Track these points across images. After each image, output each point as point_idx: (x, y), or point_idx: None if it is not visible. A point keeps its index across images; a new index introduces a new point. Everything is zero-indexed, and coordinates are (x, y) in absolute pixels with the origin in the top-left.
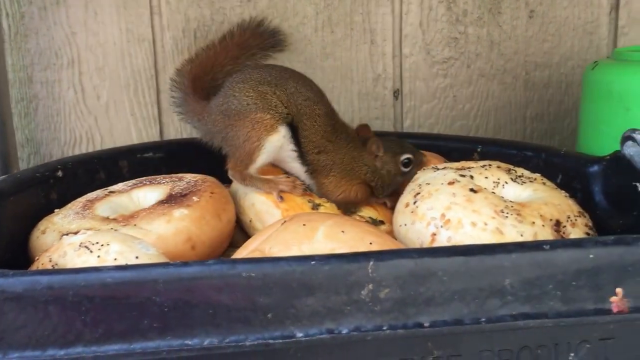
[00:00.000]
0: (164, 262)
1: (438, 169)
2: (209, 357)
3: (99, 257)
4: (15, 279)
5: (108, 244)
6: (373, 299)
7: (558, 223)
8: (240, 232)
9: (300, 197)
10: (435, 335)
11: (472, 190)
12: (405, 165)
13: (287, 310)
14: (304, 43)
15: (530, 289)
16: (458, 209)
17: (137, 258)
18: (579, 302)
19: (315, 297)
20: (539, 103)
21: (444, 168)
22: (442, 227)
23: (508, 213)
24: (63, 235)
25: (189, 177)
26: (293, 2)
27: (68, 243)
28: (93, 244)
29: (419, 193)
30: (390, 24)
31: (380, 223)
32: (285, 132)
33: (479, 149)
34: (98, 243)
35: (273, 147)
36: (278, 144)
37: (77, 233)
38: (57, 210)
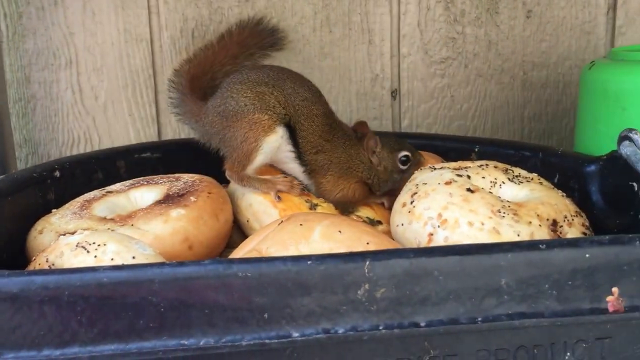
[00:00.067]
0: (160, 262)
1: (435, 169)
2: (206, 357)
3: (96, 257)
4: (11, 279)
5: (105, 244)
6: (369, 299)
7: (555, 223)
8: (238, 232)
9: (298, 197)
10: (432, 335)
11: (469, 190)
12: (403, 163)
13: (283, 310)
14: (302, 43)
15: (527, 289)
16: (455, 209)
17: (133, 258)
18: (575, 301)
19: (312, 296)
20: (537, 103)
21: (441, 168)
22: (439, 227)
23: (505, 213)
24: (60, 236)
25: (187, 177)
26: (291, 1)
27: (65, 243)
28: (90, 244)
29: (416, 193)
30: (388, 24)
31: (378, 223)
32: (283, 132)
33: (477, 149)
34: (95, 243)
35: (271, 147)
36: (276, 145)
37: (74, 233)
38: (54, 211)
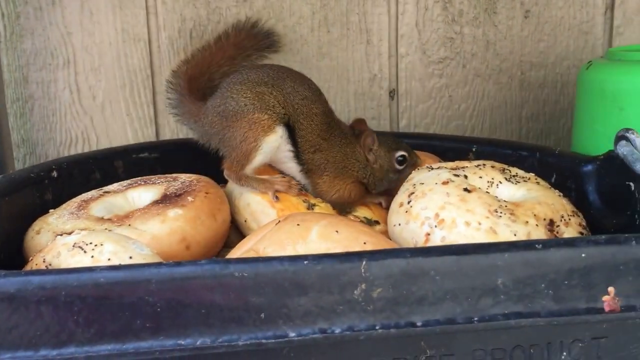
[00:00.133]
0: (157, 262)
1: (432, 169)
2: (202, 357)
3: (93, 257)
4: (8, 279)
5: (102, 244)
6: (366, 299)
7: (552, 222)
8: (236, 232)
9: (296, 197)
10: (428, 335)
11: (466, 190)
12: (400, 163)
13: (279, 310)
14: (300, 43)
15: (523, 288)
16: (452, 209)
17: (130, 258)
18: (571, 301)
19: (308, 296)
20: (535, 103)
21: (439, 168)
22: (436, 226)
23: (502, 212)
24: (57, 236)
25: (184, 177)
26: (289, 2)
27: (62, 243)
28: (87, 244)
29: (413, 193)
30: (386, 24)
31: (375, 223)
32: (283, 132)
33: (474, 149)
34: (92, 243)
35: (270, 147)
36: (275, 145)
37: (71, 233)
38: (51, 211)
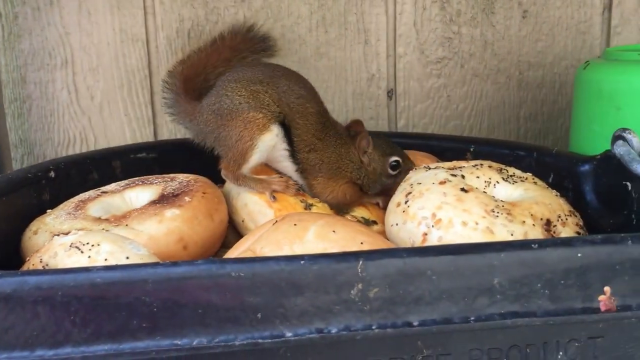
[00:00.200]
0: (153, 262)
1: (430, 169)
2: (198, 357)
3: (90, 257)
4: (4, 280)
5: (99, 244)
6: (362, 299)
7: (549, 222)
8: (233, 232)
9: (293, 197)
10: (425, 334)
11: (463, 190)
12: (393, 168)
13: (276, 310)
14: (298, 43)
15: (519, 288)
16: (449, 209)
17: (127, 258)
18: (568, 300)
19: (305, 296)
20: (533, 103)
21: (436, 167)
22: (433, 226)
23: (498, 212)
24: (54, 236)
25: (182, 177)
26: (287, 2)
27: (59, 243)
28: (84, 245)
29: (410, 192)
30: (384, 24)
31: (373, 223)
32: (278, 131)
33: (472, 149)
34: (89, 243)
35: (266, 146)
36: (271, 143)
37: (68, 233)
38: (49, 211)
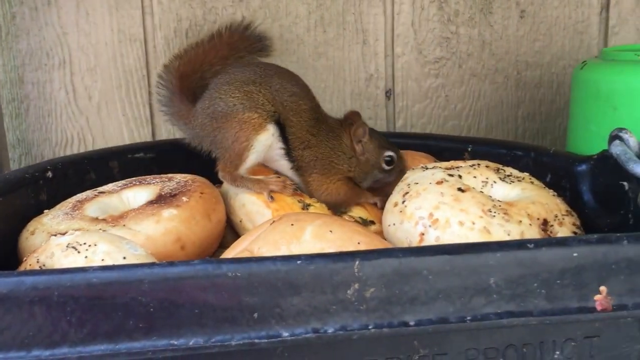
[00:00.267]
0: (150, 262)
1: (427, 169)
2: (195, 357)
3: (87, 257)
4: (1, 280)
5: (95, 245)
6: (359, 298)
7: (545, 222)
8: (231, 232)
9: (291, 197)
10: (421, 334)
11: (460, 190)
12: (387, 163)
13: (273, 310)
14: (296, 43)
15: (515, 288)
16: (446, 209)
17: (124, 258)
18: (564, 300)
19: (301, 296)
20: (531, 103)
21: (433, 167)
22: (430, 226)
23: (495, 212)
24: (51, 236)
25: (179, 177)
26: (285, 2)
27: (56, 244)
28: (80, 245)
29: (408, 192)
30: (383, 24)
31: (371, 223)
32: (274, 130)
33: (470, 149)
34: (85, 244)
35: (262, 146)
36: (267, 143)
37: (65, 234)
38: (46, 211)
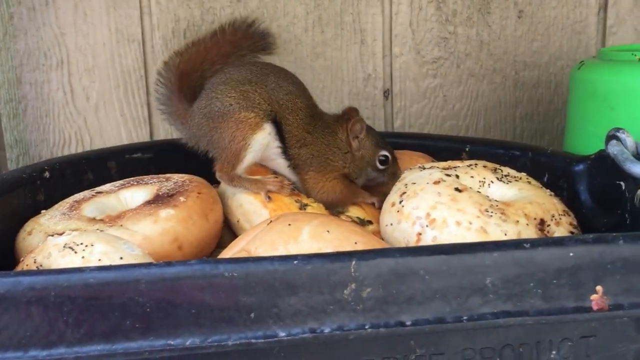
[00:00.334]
0: (147, 262)
1: (424, 169)
2: (192, 357)
3: (83, 257)
4: None
5: (92, 245)
6: (355, 298)
7: (542, 222)
8: (229, 232)
9: (288, 197)
10: (418, 334)
11: (457, 190)
12: (381, 163)
13: (269, 310)
14: (294, 43)
15: (512, 287)
16: (443, 209)
17: (121, 259)
18: (560, 300)
19: (298, 296)
20: (529, 103)
21: (430, 167)
22: (427, 226)
23: (492, 212)
24: (48, 236)
25: (177, 177)
26: (283, 2)
27: (53, 244)
28: (77, 245)
29: (405, 192)
30: (381, 24)
31: (368, 223)
32: (271, 129)
33: (468, 149)
34: (82, 244)
35: (259, 145)
36: (264, 142)
37: (62, 234)
38: (44, 211)
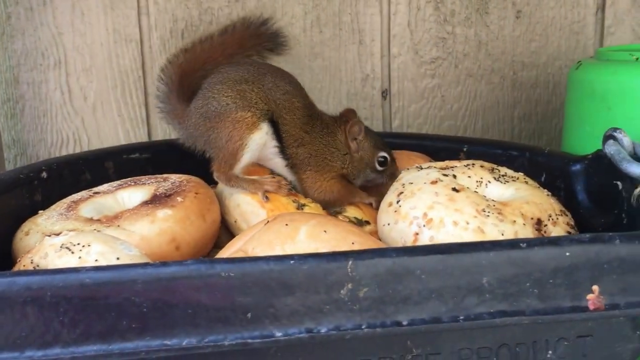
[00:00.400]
0: (143, 262)
1: (422, 168)
2: (188, 357)
3: (80, 258)
4: None
5: (89, 245)
6: (352, 298)
7: (539, 222)
8: (226, 232)
9: (286, 197)
10: (414, 334)
11: (454, 190)
12: (380, 164)
13: (266, 310)
14: (293, 43)
15: (508, 287)
16: (440, 208)
17: (118, 259)
18: (556, 299)
19: (295, 296)
20: (527, 103)
21: (428, 167)
22: (424, 226)
23: (489, 212)
24: (45, 237)
25: (174, 177)
26: (281, 2)
27: (49, 244)
28: (74, 245)
29: (402, 192)
30: (379, 24)
31: (366, 223)
32: (268, 128)
33: (465, 149)
34: (79, 244)
35: (257, 145)
36: (261, 142)
37: (59, 234)
38: (41, 212)
